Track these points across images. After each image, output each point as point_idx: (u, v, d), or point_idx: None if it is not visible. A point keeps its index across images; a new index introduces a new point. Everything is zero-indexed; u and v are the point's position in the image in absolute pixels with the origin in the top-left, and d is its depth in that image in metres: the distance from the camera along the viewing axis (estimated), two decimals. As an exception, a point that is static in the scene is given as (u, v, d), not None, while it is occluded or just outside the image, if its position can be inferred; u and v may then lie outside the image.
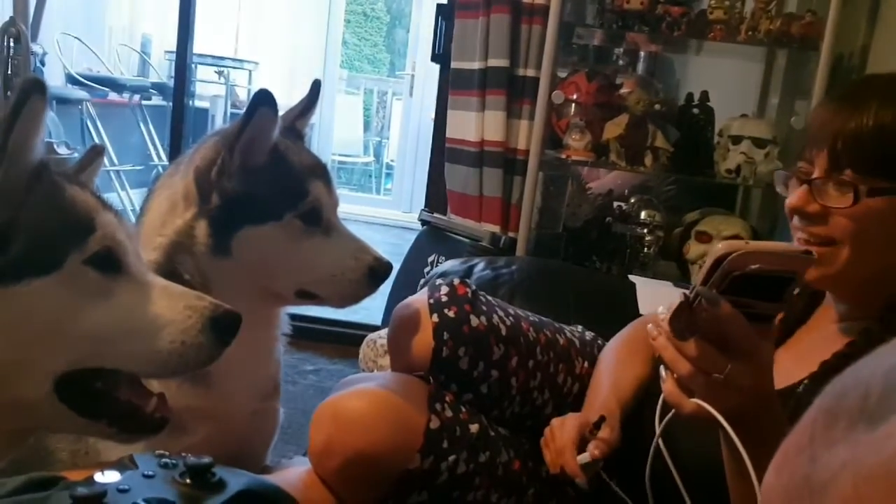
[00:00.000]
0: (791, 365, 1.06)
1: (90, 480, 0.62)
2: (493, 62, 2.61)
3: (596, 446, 1.16)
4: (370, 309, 3.94)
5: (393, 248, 5.68)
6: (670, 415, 0.97)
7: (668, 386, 0.91)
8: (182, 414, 1.13)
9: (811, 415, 0.38)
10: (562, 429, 1.20)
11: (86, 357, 0.87)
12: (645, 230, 2.58)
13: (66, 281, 0.84)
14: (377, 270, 1.23)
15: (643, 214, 2.60)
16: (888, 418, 0.32)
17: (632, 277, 2.30)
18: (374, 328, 2.59)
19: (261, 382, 1.26)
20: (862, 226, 0.99)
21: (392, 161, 7.57)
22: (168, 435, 1.12)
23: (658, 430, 0.99)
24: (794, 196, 1.05)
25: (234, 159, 1.15)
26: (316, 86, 1.35)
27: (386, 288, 3.15)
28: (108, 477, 0.62)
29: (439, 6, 2.97)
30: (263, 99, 1.15)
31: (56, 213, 0.86)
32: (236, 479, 0.65)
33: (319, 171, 1.24)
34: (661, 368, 0.92)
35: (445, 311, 1.29)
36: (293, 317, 1.36)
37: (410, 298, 1.35)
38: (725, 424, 0.84)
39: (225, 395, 1.18)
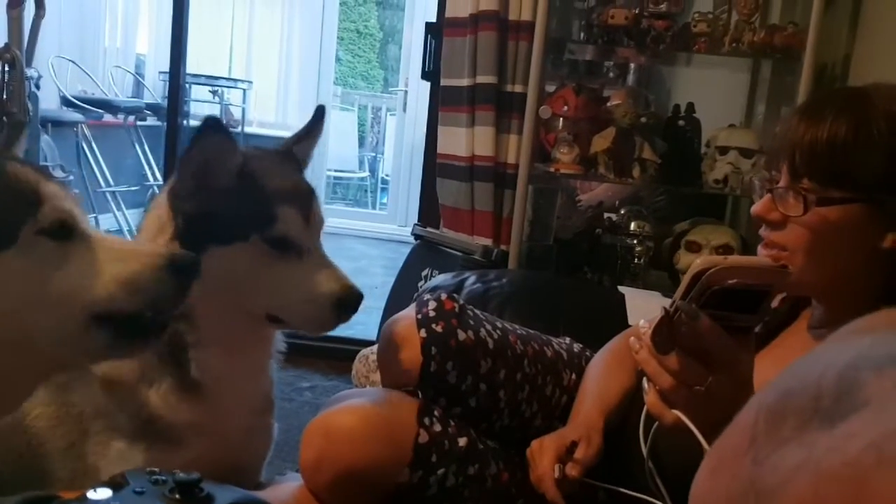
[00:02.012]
0: (770, 371, 1.07)
1: (83, 498, 0.64)
2: (481, 79, 2.64)
3: (572, 467, 1.19)
4: (366, 324, 3.95)
5: (389, 263, 5.72)
6: (655, 426, 0.99)
7: (650, 398, 0.93)
8: (180, 429, 1.16)
9: (750, 415, 0.37)
10: (540, 453, 1.22)
11: (67, 315, 0.91)
12: (635, 241, 2.61)
13: (24, 253, 0.88)
14: (345, 301, 1.19)
15: (633, 225, 2.63)
16: (848, 417, 0.32)
17: (622, 288, 2.32)
18: (370, 343, 2.60)
19: (254, 399, 1.28)
20: (814, 234, 1.03)
21: (387, 176, 7.60)
22: (167, 450, 1.15)
23: (645, 451, 1.02)
24: (757, 204, 1.09)
25: (185, 183, 1.18)
26: (319, 112, 1.34)
27: (380, 303, 3.19)
28: (100, 494, 0.65)
29: (428, 24, 3.00)
30: (208, 126, 1.16)
31: (2, 190, 0.90)
32: (224, 494, 0.67)
33: (295, 195, 1.22)
34: (644, 381, 0.95)
35: (433, 326, 1.31)
36: (288, 333, 1.38)
37: (399, 314, 1.37)
38: (700, 437, 0.87)
39: (219, 410, 1.20)
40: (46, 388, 1.20)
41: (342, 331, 3.92)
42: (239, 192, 1.17)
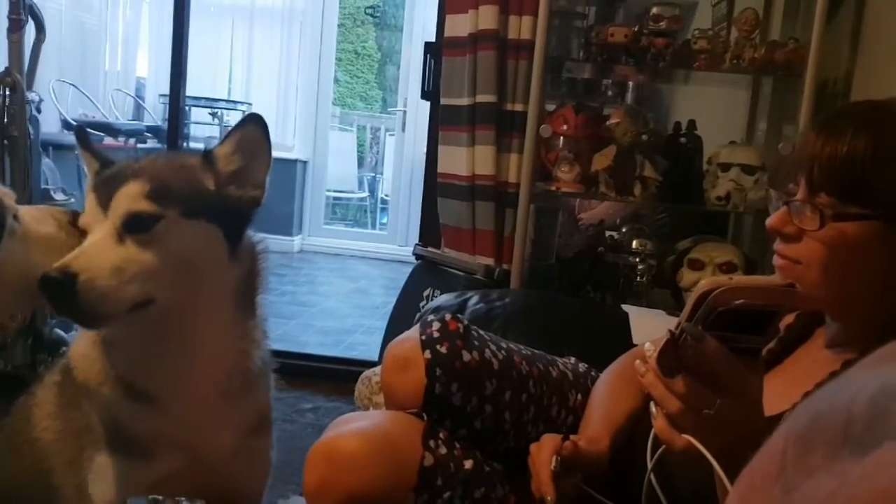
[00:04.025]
0: (782, 391, 1.07)
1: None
2: (481, 98, 2.65)
3: (565, 447, 1.17)
4: (367, 345, 3.96)
5: (389, 283, 5.72)
6: (661, 450, 0.97)
7: (658, 422, 0.92)
8: (145, 439, 1.15)
9: (779, 442, 0.37)
10: (538, 452, 1.21)
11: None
12: (637, 259, 2.60)
13: None
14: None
15: (635, 243, 2.62)
16: (880, 445, 0.31)
17: (626, 306, 2.31)
18: (372, 364, 2.59)
19: (239, 418, 1.23)
20: (829, 249, 1.01)
21: (387, 196, 7.62)
22: (138, 462, 1.15)
23: (650, 466, 1.00)
24: (773, 216, 1.08)
25: None
26: (245, 117, 1.23)
27: (381, 323, 3.17)
28: (101, 524, 0.63)
29: (427, 44, 3.02)
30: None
31: None
32: (227, 524, 0.66)
33: (101, 185, 1.14)
34: (652, 405, 0.93)
35: (437, 347, 1.29)
36: (291, 355, 1.36)
37: (402, 336, 1.36)
38: (714, 462, 0.85)
39: (191, 425, 1.17)
40: (56, 400, 1.20)
41: (343, 351, 3.91)
42: None
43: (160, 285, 1.09)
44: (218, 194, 1.17)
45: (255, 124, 1.20)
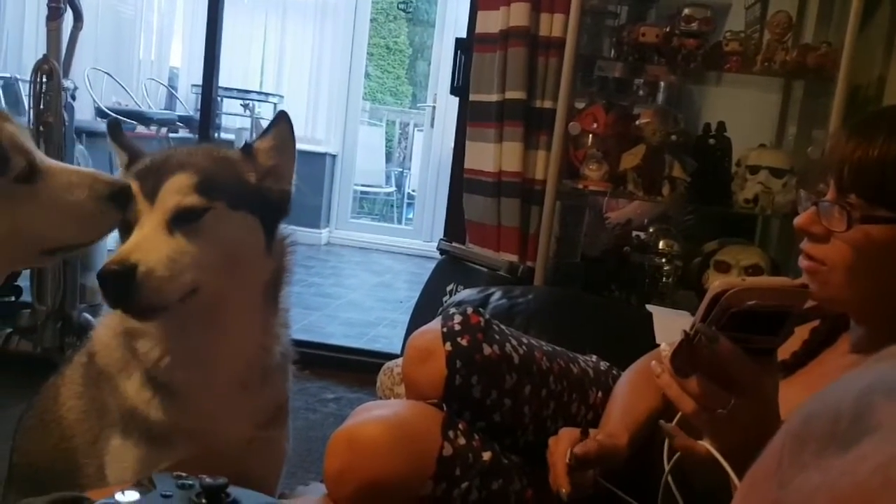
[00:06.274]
0: (803, 393, 1.07)
1: (111, 500, 0.65)
2: (510, 94, 2.66)
3: (583, 445, 1.17)
4: (390, 338, 3.99)
5: (413, 277, 5.75)
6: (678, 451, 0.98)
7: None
8: (162, 428, 1.17)
9: (779, 441, 0.38)
10: (556, 445, 1.22)
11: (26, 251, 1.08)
12: (663, 260, 2.59)
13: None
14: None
15: (661, 244, 2.62)
16: (860, 441, 0.33)
17: (650, 306, 2.30)
18: (395, 356, 2.61)
19: (256, 409, 1.25)
20: (856, 251, 1.01)
21: (413, 191, 7.65)
22: (154, 449, 1.16)
23: (667, 468, 1.01)
24: (801, 216, 1.08)
25: None
26: (277, 116, 1.29)
27: (405, 317, 3.19)
28: (128, 497, 0.65)
29: (458, 40, 3.03)
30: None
31: None
32: (250, 500, 0.68)
33: (140, 175, 1.18)
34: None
35: (458, 339, 1.31)
36: (315, 345, 1.38)
37: (424, 327, 1.37)
38: (724, 463, 0.86)
39: (207, 415, 1.19)
40: (82, 381, 1.22)
41: (366, 343, 3.94)
42: None
43: (205, 274, 1.12)
44: (258, 187, 1.20)
45: (286, 121, 1.25)
